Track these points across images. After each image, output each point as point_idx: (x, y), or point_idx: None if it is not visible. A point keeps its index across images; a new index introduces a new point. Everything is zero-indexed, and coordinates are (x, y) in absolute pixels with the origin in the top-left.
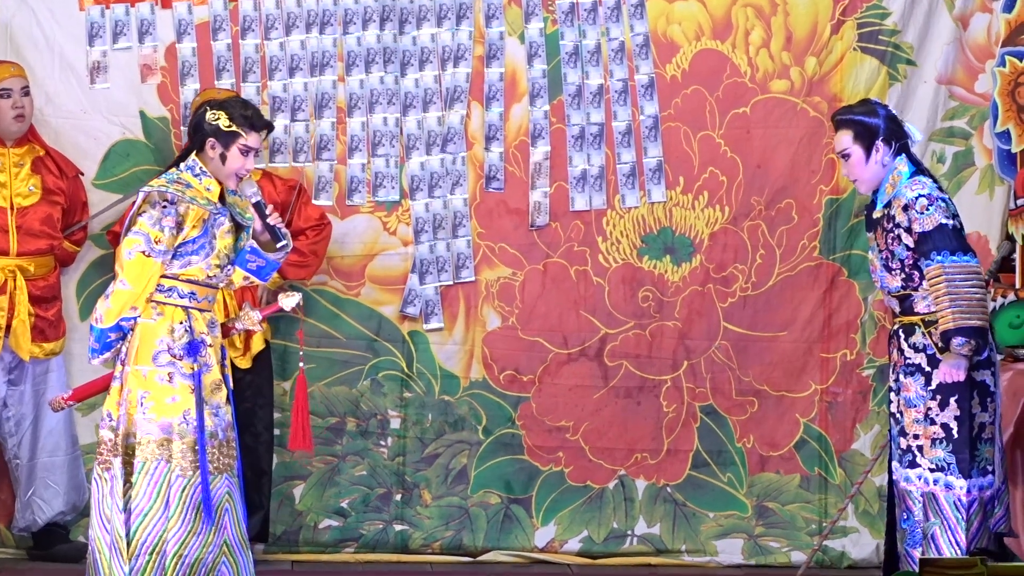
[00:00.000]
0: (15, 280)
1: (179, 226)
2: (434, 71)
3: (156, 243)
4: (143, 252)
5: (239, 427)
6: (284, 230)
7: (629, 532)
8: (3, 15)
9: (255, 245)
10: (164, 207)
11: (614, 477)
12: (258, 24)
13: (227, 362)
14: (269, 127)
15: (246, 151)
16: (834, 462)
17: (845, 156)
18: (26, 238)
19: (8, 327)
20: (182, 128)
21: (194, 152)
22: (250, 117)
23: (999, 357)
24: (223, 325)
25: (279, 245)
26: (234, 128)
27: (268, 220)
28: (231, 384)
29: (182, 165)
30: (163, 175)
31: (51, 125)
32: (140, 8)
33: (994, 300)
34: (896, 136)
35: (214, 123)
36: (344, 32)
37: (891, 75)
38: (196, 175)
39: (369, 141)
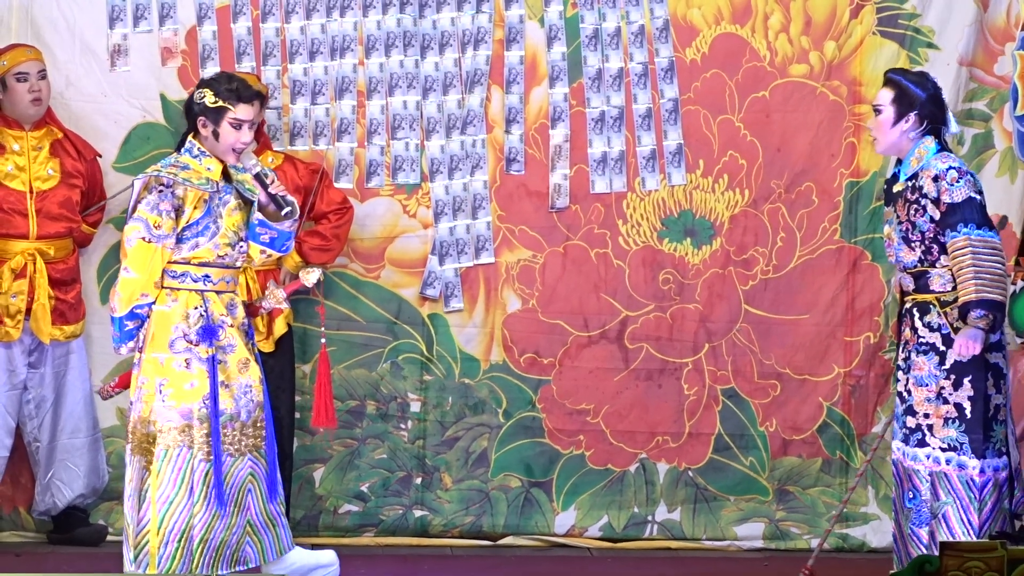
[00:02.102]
0: (35, 263)
1: (179, 209)
2: (454, 54)
3: (156, 228)
4: (143, 238)
5: None
6: (289, 197)
7: (649, 518)
8: None
9: (262, 217)
10: (160, 191)
11: (635, 460)
12: (278, 8)
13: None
14: (257, 97)
15: (237, 124)
16: (855, 446)
17: (877, 111)
18: (46, 221)
19: (28, 310)
20: None
21: (192, 134)
22: (235, 89)
23: (1019, 341)
24: (250, 305)
25: (284, 212)
26: (220, 103)
27: (270, 189)
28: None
29: (183, 149)
30: (161, 160)
31: (72, 108)
32: None
33: (1013, 283)
34: (932, 117)
35: (200, 101)
36: (364, 15)
37: (911, 59)
38: (195, 156)
39: (389, 124)
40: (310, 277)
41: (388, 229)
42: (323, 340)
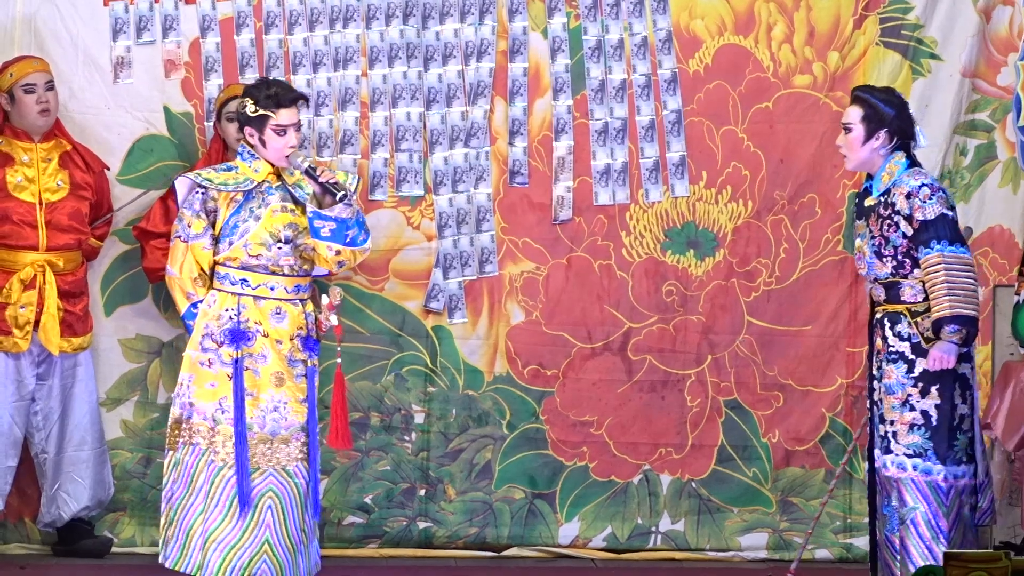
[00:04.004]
0: (44, 275)
1: (214, 210)
2: (457, 66)
3: (188, 227)
4: (179, 237)
5: None
6: (340, 183)
7: (653, 529)
8: (28, 10)
9: (315, 209)
10: (194, 192)
11: (639, 472)
12: (281, 19)
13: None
14: (300, 98)
15: (281, 131)
16: (858, 457)
17: (847, 129)
18: (55, 233)
19: (37, 321)
20: (206, 124)
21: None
22: (275, 95)
23: (1022, 351)
24: (316, 320)
25: (338, 197)
26: (261, 111)
27: (320, 179)
28: (316, 383)
29: (237, 152)
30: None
31: (75, 120)
32: (164, 3)
33: (1017, 294)
34: (902, 133)
35: (243, 111)
36: (367, 27)
37: (914, 69)
38: (245, 159)
39: (392, 136)
40: (337, 296)
41: (392, 241)
42: (339, 361)
